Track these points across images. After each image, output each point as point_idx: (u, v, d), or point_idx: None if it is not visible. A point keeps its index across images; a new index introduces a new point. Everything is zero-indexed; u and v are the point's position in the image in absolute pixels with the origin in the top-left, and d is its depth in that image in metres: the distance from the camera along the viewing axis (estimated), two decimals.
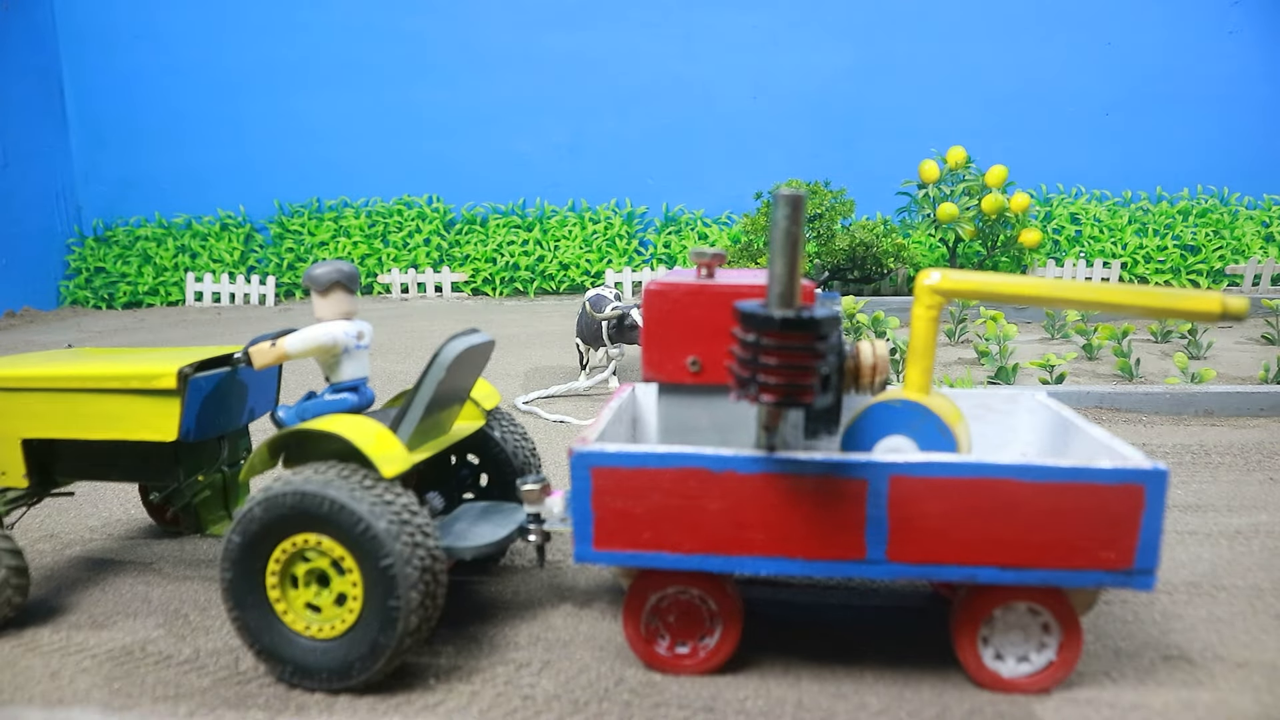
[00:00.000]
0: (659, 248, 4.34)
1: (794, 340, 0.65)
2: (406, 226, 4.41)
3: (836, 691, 0.76)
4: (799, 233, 0.65)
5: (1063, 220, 3.99)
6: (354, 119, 4.52)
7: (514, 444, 1.00)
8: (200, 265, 4.38)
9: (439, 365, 0.84)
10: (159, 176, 4.60)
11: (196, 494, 0.98)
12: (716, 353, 0.77)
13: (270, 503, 0.76)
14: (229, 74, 4.51)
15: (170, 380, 0.88)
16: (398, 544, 0.74)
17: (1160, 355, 2.33)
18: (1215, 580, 0.97)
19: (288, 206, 4.50)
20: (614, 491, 0.74)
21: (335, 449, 0.81)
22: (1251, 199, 4.13)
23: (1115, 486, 0.68)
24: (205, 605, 0.95)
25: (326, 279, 0.87)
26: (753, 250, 3.20)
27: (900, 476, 0.70)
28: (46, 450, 0.96)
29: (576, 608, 0.92)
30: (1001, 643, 0.76)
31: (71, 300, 4.39)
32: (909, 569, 0.72)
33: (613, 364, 1.98)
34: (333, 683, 0.77)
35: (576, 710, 0.74)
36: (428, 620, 0.77)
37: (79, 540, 1.16)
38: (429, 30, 4.46)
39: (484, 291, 4.30)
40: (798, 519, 0.72)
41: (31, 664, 0.84)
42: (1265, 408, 1.66)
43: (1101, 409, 1.70)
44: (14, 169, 4.19)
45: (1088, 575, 0.70)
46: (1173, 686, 0.76)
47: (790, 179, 3.44)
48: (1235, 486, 1.28)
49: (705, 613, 0.79)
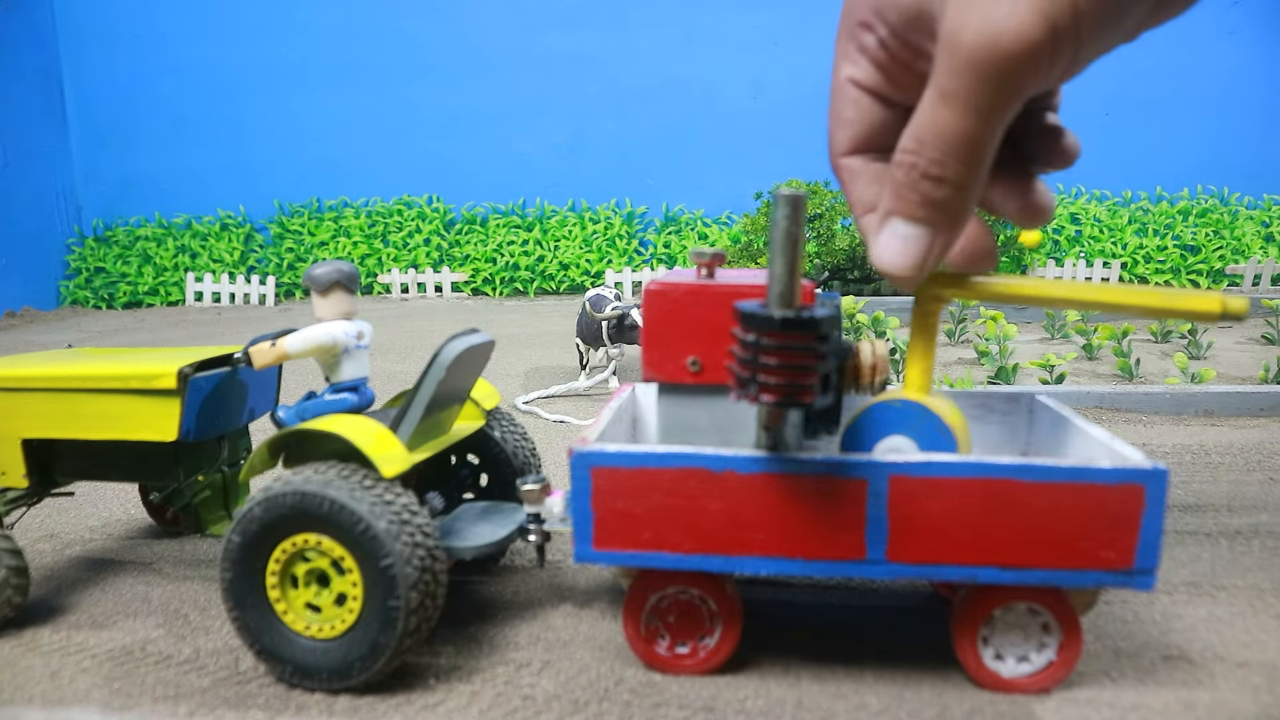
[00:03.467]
0: (659, 248, 4.34)
1: (794, 340, 0.65)
2: (406, 226, 4.41)
3: (836, 691, 0.76)
4: (799, 233, 0.65)
5: (1063, 220, 3.99)
6: (354, 119, 4.52)
7: (514, 444, 1.00)
8: (200, 265, 4.38)
9: (439, 365, 0.84)
10: (159, 176, 4.60)
11: (196, 494, 0.98)
12: (716, 353, 0.77)
13: (270, 503, 0.76)
14: (229, 74, 4.52)
15: (170, 380, 0.88)
16: (398, 544, 0.74)
17: (1160, 355, 2.33)
18: (1215, 580, 0.97)
19: (288, 206, 4.50)
20: (614, 491, 0.74)
21: (335, 449, 0.81)
22: (1251, 199, 4.13)
23: (1115, 486, 0.68)
24: (205, 605, 0.95)
25: (326, 279, 0.87)
26: (753, 250, 3.20)
27: (900, 476, 0.70)
28: (46, 450, 0.96)
29: (576, 608, 0.92)
30: (1001, 643, 0.76)
31: (71, 300, 4.39)
32: (909, 569, 0.72)
33: (613, 364, 1.98)
34: (333, 683, 0.77)
35: (576, 710, 0.74)
36: (428, 620, 0.77)
37: (79, 540, 1.16)
38: (429, 30, 4.46)
39: (484, 291, 4.30)
40: (798, 519, 0.72)
41: (31, 664, 0.84)
42: (1265, 408, 1.66)
43: (1101, 409, 1.70)
44: (14, 169, 4.19)
45: (1088, 575, 0.70)
46: (1173, 686, 0.76)
47: (790, 179, 3.44)
48: (1235, 486, 1.28)
49: (705, 613, 0.79)
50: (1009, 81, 0.52)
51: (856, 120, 0.65)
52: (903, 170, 0.58)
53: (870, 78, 0.64)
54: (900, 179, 0.58)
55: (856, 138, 0.66)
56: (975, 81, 0.52)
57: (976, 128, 0.54)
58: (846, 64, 0.65)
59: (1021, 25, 0.50)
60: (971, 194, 0.58)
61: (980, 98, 0.53)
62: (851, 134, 0.66)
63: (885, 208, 0.60)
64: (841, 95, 0.66)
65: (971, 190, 0.58)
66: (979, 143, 0.55)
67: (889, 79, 0.63)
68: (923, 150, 0.56)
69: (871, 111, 0.65)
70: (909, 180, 0.58)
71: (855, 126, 0.66)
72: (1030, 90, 0.53)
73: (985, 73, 0.52)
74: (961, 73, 0.53)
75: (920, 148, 0.56)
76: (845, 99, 0.65)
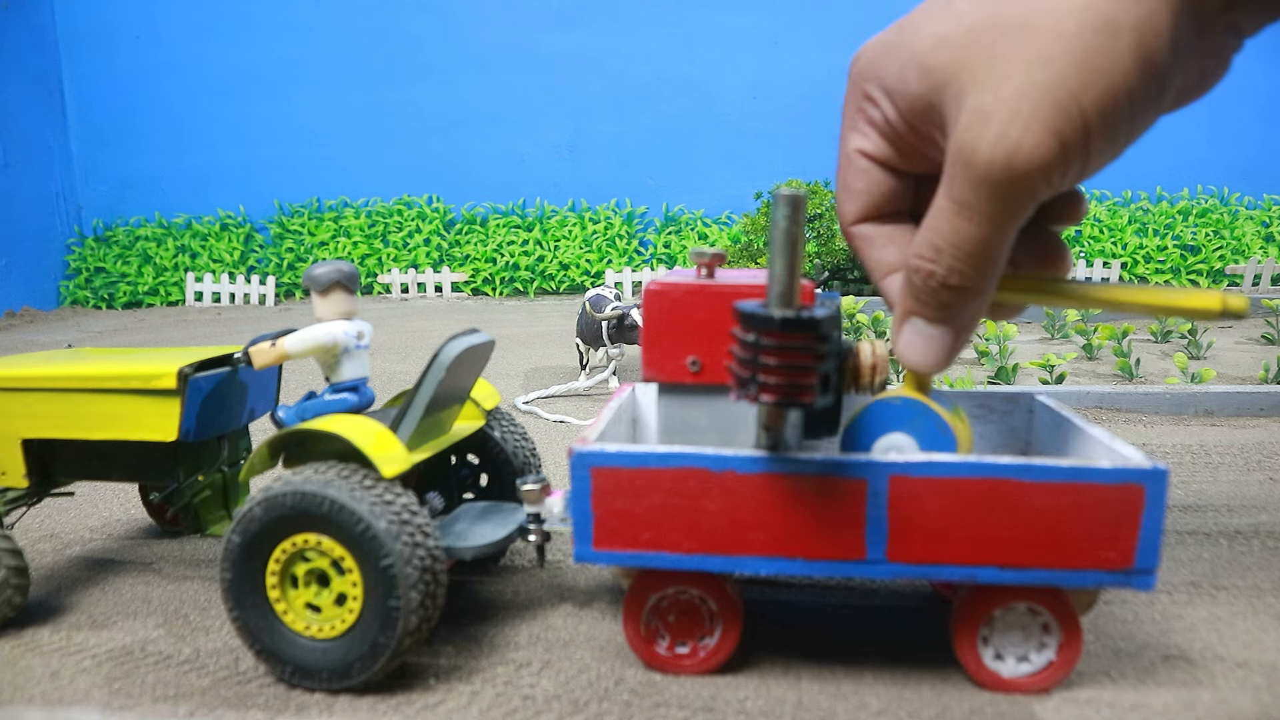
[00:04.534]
0: (659, 248, 4.34)
1: (794, 340, 0.65)
2: (406, 226, 4.41)
3: (836, 691, 0.76)
4: (799, 233, 0.65)
5: None
6: (354, 119, 4.52)
7: (514, 444, 1.00)
8: (200, 265, 4.38)
9: (439, 365, 0.84)
10: (159, 176, 4.60)
11: (196, 494, 0.98)
12: (716, 353, 0.77)
13: (270, 503, 0.76)
14: (229, 74, 4.52)
15: (170, 380, 0.88)
16: (398, 544, 0.74)
17: (1160, 355, 2.33)
18: (1215, 580, 0.97)
19: (288, 206, 4.50)
20: (614, 491, 0.74)
21: (335, 449, 0.81)
22: (1251, 199, 4.14)
23: (1115, 486, 0.68)
24: (205, 605, 0.95)
25: (326, 279, 0.87)
26: (753, 250, 3.20)
27: (900, 476, 0.70)
28: (46, 450, 0.96)
29: (576, 608, 0.92)
30: (1001, 643, 0.76)
31: (71, 300, 4.39)
32: (909, 569, 0.72)
33: (613, 364, 1.98)
34: (333, 683, 0.77)
35: (576, 710, 0.74)
36: (428, 620, 0.77)
37: (79, 540, 1.16)
38: (429, 30, 4.46)
39: (484, 291, 4.30)
40: (797, 519, 0.72)
41: (31, 664, 0.84)
42: (1265, 408, 1.66)
43: (1101, 409, 1.70)
44: (14, 169, 4.19)
45: (1088, 575, 0.70)
46: (1173, 686, 0.76)
47: (790, 179, 3.44)
48: (1235, 486, 1.28)
49: (705, 613, 0.79)
50: (1023, 194, 0.55)
51: (866, 190, 0.67)
52: (920, 277, 0.60)
53: (879, 150, 0.65)
54: (919, 285, 0.61)
55: (867, 207, 0.68)
56: (990, 195, 0.55)
57: (992, 236, 0.57)
58: (855, 135, 0.66)
59: (1035, 144, 0.53)
60: (988, 294, 0.60)
61: (995, 209, 0.55)
62: (862, 204, 0.68)
63: (905, 307, 0.63)
64: (851, 166, 0.67)
65: (987, 291, 0.60)
66: (994, 249, 0.57)
67: (898, 152, 0.65)
68: (940, 259, 0.58)
69: (881, 181, 0.66)
70: (927, 288, 0.60)
71: (865, 197, 0.67)
72: (1042, 198, 0.56)
73: (1000, 188, 0.54)
74: (977, 187, 0.55)
75: (938, 256, 0.58)
76: (855, 170, 0.67)
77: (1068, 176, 0.55)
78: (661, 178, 4.47)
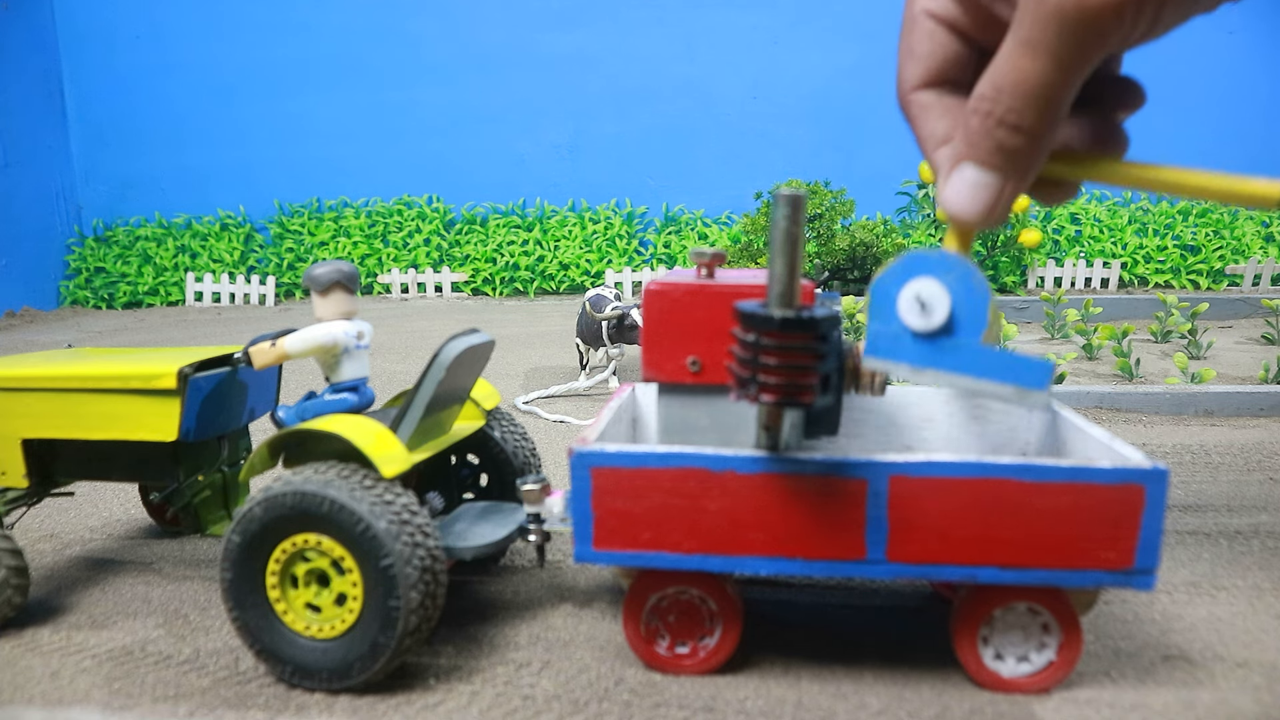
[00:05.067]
0: (659, 248, 4.33)
1: (794, 340, 0.65)
2: (406, 226, 4.40)
3: (836, 691, 0.76)
4: (799, 233, 0.65)
5: (1063, 220, 3.99)
6: (354, 119, 4.52)
7: (514, 444, 1.00)
8: (200, 265, 4.38)
9: (439, 365, 0.84)
10: (159, 176, 4.60)
11: (196, 494, 0.98)
12: (716, 353, 0.77)
13: (270, 503, 0.76)
14: (229, 74, 4.51)
15: (170, 380, 0.88)
16: (398, 544, 0.74)
17: (1160, 355, 2.33)
18: (1215, 580, 0.97)
19: (288, 206, 4.50)
20: (614, 491, 0.74)
21: (335, 449, 0.81)
22: None
23: (1115, 486, 0.68)
24: (205, 605, 0.95)
25: (326, 279, 0.87)
26: (753, 250, 3.20)
27: (900, 476, 0.70)
28: (46, 450, 0.96)
29: (576, 608, 0.92)
30: (1001, 643, 0.76)
31: (71, 300, 4.39)
32: (909, 569, 0.72)
33: (613, 364, 1.98)
34: (333, 683, 0.77)
35: (576, 710, 0.74)
36: (428, 620, 0.77)
37: (79, 540, 1.16)
38: (429, 30, 4.46)
39: (484, 291, 4.30)
40: (797, 519, 0.72)
41: (31, 664, 0.84)
42: (1265, 408, 1.66)
43: (1101, 409, 1.70)
44: (14, 169, 4.19)
45: (1088, 575, 0.70)
46: (1173, 686, 0.76)
47: (790, 179, 3.44)
48: (1235, 486, 1.28)
49: (705, 613, 0.79)
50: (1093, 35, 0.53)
51: (931, 54, 0.64)
52: (978, 117, 0.58)
53: (947, 10, 0.63)
54: (975, 125, 0.58)
55: (930, 71, 0.65)
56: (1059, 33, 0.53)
57: (1056, 78, 0.55)
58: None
59: None
60: (1046, 143, 0.58)
61: (1063, 49, 0.54)
62: (925, 68, 0.65)
63: (957, 152, 0.60)
64: (916, 27, 0.65)
65: (1046, 139, 0.58)
66: (1057, 93, 0.55)
67: (966, 13, 0.63)
68: (1001, 98, 0.56)
69: (947, 45, 0.64)
70: (984, 127, 0.58)
71: (929, 60, 0.65)
72: (1112, 46, 0.54)
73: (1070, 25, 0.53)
74: (1046, 23, 0.53)
75: (999, 95, 0.56)
76: (920, 31, 0.65)
77: (1140, 24, 0.54)
78: (661, 178, 4.46)
